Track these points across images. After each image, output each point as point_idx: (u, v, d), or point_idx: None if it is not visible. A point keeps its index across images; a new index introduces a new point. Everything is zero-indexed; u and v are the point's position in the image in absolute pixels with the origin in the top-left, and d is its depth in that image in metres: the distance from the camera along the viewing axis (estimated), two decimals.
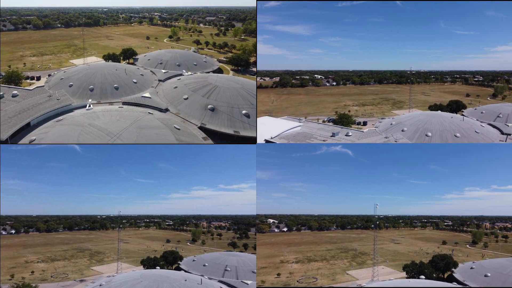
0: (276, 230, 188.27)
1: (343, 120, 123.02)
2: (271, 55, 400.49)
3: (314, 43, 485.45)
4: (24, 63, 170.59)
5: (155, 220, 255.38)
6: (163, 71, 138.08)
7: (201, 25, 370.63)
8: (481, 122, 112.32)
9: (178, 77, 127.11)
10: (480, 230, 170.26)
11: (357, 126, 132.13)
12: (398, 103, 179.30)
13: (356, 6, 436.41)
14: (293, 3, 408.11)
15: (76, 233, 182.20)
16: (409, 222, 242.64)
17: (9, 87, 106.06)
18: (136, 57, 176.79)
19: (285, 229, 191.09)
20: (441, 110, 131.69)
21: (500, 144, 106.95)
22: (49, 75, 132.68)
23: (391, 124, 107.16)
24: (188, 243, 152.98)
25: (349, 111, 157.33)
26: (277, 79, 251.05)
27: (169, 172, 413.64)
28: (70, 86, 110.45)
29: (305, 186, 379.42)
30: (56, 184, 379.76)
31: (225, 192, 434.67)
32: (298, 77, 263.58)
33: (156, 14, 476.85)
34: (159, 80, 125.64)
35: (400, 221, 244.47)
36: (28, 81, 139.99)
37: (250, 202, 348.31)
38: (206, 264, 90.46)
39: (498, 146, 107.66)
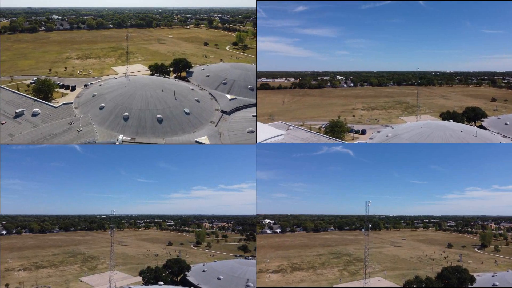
0: (268, 231, 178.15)
1: (335, 129, 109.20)
2: (300, 57, 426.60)
3: (340, 45, 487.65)
4: (65, 67, 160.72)
5: (156, 220, 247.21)
6: (229, 96, 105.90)
7: None
8: (503, 136, 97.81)
9: (253, 112, 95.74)
10: (487, 232, 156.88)
11: (353, 135, 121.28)
12: (411, 107, 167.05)
13: (379, 8, 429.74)
14: (320, 7, 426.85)
15: (71, 234, 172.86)
16: (411, 222, 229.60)
17: (35, 100, 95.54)
18: (191, 70, 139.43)
19: (278, 230, 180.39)
20: (454, 119, 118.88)
21: (501, 144, 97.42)
22: (85, 86, 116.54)
23: (387, 136, 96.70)
24: (192, 246, 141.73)
25: (353, 116, 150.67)
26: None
27: (169, 172, 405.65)
28: (101, 108, 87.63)
29: (305, 186, 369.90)
30: (56, 184, 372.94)
31: (225, 192, 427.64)
32: (320, 78, 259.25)
33: (216, 15, 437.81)
34: (223, 112, 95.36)
35: (401, 221, 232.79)
36: (61, 90, 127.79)
37: (250, 202, 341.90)
38: (221, 277, 76.31)
39: (498, 146, 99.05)
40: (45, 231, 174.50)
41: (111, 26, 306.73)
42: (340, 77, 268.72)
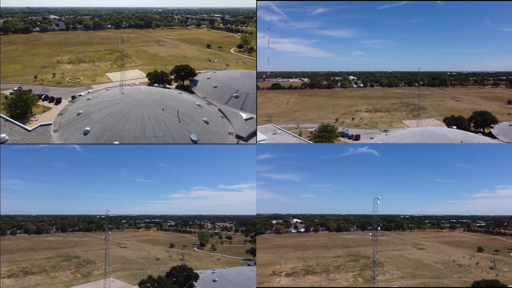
0: (293, 231, 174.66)
1: (324, 134, 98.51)
2: (318, 57, 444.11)
3: (356, 45, 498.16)
4: (54, 74, 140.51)
5: (156, 220, 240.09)
6: (244, 115, 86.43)
7: None
8: None
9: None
10: None
11: (345, 140, 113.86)
12: (417, 110, 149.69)
13: (396, 8, 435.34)
14: (338, 9, 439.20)
15: (68, 235, 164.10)
16: (436, 223, 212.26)
17: (6, 120, 77.77)
18: (195, 78, 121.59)
19: (302, 230, 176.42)
20: (459, 125, 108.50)
21: None
22: (72, 98, 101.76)
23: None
24: (195, 248, 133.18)
25: (353, 118, 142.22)
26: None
27: (169, 172, 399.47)
28: (86, 133, 71.05)
29: (333, 187, 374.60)
30: (56, 184, 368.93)
31: (225, 192, 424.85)
32: (332, 78, 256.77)
33: (217, 15, 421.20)
34: (238, 137, 79.19)
35: (426, 221, 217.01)
36: (43, 103, 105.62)
37: (251, 202, 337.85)
38: None
39: None
40: (41, 232, 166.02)
41: (109, 26, 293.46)
42: (352, 77, 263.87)
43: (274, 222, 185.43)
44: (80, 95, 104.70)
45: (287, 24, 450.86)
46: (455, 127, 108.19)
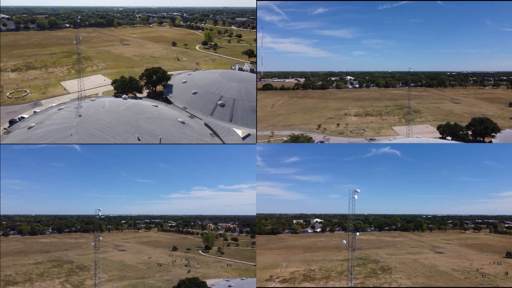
0: (309, 231, 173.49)
1: None
2: (318, 57, 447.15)
3: (356, 45, 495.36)
4: None
5: (156, 220, 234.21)
6: (239, 132, 70.58)
7: (233, 27, 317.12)
8: None
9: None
10: None
11: None
12: (411, 113, 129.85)
13: (396, 8, 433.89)
14: (338, 9, 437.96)
15: (65, 236, 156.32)
16: (459, 223, 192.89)
17: None
18: (170, 82, 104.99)
19: (318, 230, 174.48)
20: (455, 134, 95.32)
21: None
22: (10, 123, 79.02)
23: None
24: (200, 252, 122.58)
25: (338, 124, 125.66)
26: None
27: (169, 172, 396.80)
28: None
29: (355, 187, 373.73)
30: (56, 184, 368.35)
31: (225, 192, 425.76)
32: (329, 78, 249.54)
33: (176, 14, 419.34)
34: None
35: (449, 221, 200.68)
36: None
37: (250, 202, 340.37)
38: None
39: None
40: (35, 233, 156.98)
41: (67, 25, 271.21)
42: (349, 78, 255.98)
43: (294, 221, 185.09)
44: (22, 117, 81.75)
45: (287, 24, 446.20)
46: (450, 138, 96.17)
